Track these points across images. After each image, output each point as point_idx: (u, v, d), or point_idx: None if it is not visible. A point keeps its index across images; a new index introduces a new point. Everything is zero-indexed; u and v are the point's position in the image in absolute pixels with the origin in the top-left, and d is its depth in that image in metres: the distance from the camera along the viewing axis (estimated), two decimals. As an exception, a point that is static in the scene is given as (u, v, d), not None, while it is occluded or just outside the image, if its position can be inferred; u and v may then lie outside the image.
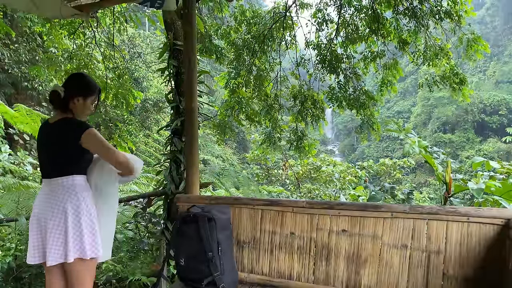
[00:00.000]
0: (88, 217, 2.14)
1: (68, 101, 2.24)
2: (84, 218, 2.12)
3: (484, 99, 41.70)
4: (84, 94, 2.28)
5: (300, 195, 11.55)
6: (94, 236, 2.15)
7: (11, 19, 10.50)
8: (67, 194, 2.12)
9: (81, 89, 2.28)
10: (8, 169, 7.88)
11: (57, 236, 2.08)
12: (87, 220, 2.13)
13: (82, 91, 2.27)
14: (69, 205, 2.10)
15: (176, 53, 3.89)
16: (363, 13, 7.24)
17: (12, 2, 3.36)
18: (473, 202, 3.98)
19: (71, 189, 2.14)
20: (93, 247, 2.14)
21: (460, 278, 2.10)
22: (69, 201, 2.11)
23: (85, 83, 2.33)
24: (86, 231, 2.12)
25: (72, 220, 2.09)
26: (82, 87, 2.29)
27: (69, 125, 2.20)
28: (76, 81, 2.34)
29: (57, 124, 2.24)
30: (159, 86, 17.27)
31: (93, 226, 2.16)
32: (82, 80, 2.35)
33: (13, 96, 11.78)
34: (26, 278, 3.42)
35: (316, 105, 7.92)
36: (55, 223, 2.09)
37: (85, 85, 2.32)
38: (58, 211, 2.10)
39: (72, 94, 2.24)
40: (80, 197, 2.14)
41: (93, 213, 2.18)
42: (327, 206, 2.49)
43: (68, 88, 2.26)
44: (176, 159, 3.80)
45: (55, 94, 2.22)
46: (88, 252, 2.10)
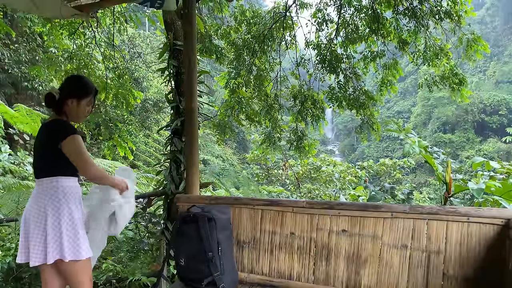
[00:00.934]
0: (69, 219, 2.12)
1: (62, 104, 2.24)
2: (64, 219, 2.10)
3: (484, 99, 41.69)
4: (78, 96, 2.27)
5: (300, 195, 11.55)
6: (75, 238, 2.11)
7: (11, 19, 10.50)
8: (48, 196, 2.12)
9: (75, 91, 2.27)
10: (8, 169, 7.88)
11: (38, 238, 2.08)
12: (68, 222, 2.11)
13: (75, 93, 2.27)
14: (49, 207, 2.10)
15: (176, 53, 3.89)
16: (363, 13, 7.24)
17: (12, 2, 3.36)
18: (473, 202, 3.98)
19: (53, 190, 2.13)
20: (74, 249, 2.10)
21: (460, 278, 2.10)
22: (50, 202, 2.11)
23: (79, 85, 2.32)
24: (66, 233, 2.09)
25: (51, 221, 2.08)
26: (76, 89, 2.29)
27: (56, 127, 2.20)
28: (71, 84, 2.34)
29: (48, 125, 2.26)
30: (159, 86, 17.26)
31: (75, 228, 2.13)
32: (76, 82, 2.35)
33: (13, 96, 11.78)
34: (26, 278, 3.42)
35: (316, 105, 7.92)
36: (36, 224, 2.09)
37: (80, 87, 2.31)
38: (39, 212, 2.10)
39: (66, 96, 2.24)
40: (62, 199, 2.13)
41: (77, 216, 2.16)
42: (327, 206, 2.49)
43: (62, 90, 2.26)
44: (176, 159, 3.80)
45: (50, 96, 2.23)
46: (67, 254, 2.07)
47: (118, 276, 3.69)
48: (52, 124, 2.24)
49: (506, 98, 41.39)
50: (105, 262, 3.86)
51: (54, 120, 2.24)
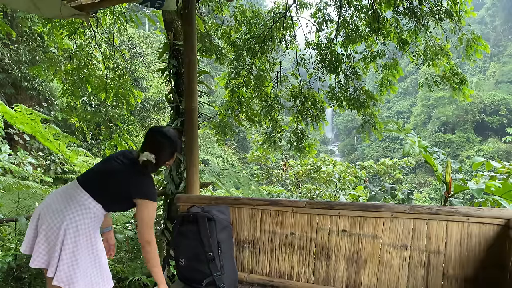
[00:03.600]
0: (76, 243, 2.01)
1: (160, 165, 2.21)
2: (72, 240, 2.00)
3: (484, 99, 41.67)
4: (173, 155, 2.25)
5: (300, 195, 11.55)
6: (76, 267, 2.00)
7: (11, 19, 10.50)
8: (77, 210, 2.02)
9: (172, 153, 2.23)
10: (8, 169, 7.88)
11: (47, 243, 1.99)
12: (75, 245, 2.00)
13: (172, 154, 2.24)
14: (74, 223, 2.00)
15: (176, 53, 3.89)
16: (363, 13, 7.23)
17: (12, 2, 3.36)
18: (473, 202, 3.97)
19: (86, 210, 2.05)
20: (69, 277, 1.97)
21: (460, 278, 2.10)
22: (76, 218, 2.01)
23: (174, 145, 2.23)
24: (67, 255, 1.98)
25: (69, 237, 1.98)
26: (172, 151, 2.23)
27: (144, 182, 2.13)
28: (167, 144, 2.20)
29: (139, 170, 2.14)
30: (159, 86, 17.28)
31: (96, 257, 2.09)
32: (172, 143, 2.21)
33: (13, 96, 11.79)
34: (26, 278, 3.42)
35: (316, 105, 7.91)
36: (50, 228, 1.99)
37: (175, 147, 2.23)
38: (57, 218, 1.99)
39: (166, 158, 2.21)
40: (89, 223, 2.05)
41: (100, 245, 2.13)
42: (327, 206, 2.49)
43: (159, 153, 2.15)
44: (176, 159, 3.80)
45: (148, 163, 2.13)
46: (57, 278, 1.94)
47: (118, 276, 3.69)
48: (143, 174, 2.14)
49: (506, 98, 41.38)
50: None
51: (144, 170, 2.14)
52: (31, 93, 12.07)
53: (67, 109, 8.57)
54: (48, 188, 6.88)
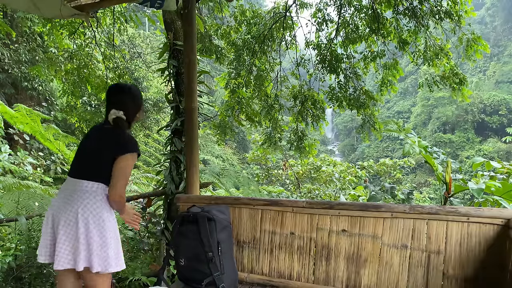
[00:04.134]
0: (113, 227, 2.10)
1: (132, 121, 2.23)
2: (107, 227, 2.06)
3: (484, 99, 41.66)
4: (141, 107, 2.27)
5: (300, 195, 11.54)
6: (106, 249, 2.06)
7: (11, 19, 10.49)
8: (85, 199, 2.05)
9: (138, 105, 2.26)
10: (8, 169, 7.88)
11: (68, 241, 2.00)
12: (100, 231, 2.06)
13: (139, 106, 2.26)
14: (87, 211, 2.03)
15: (176, 53, 3.89)
16: (363, 13, 7.24)
17: (12, 2, 3.37)
18: (473, 202, 3.98)
19: (92, 195, 2.07)
20: (104, 261, 2.05)
21: (460, 278, 2.10)
22: (88, 206, 2.04)
23: (138, 97, 2.26)
24: (111, 242, 2.06)
25: (84, 226, 2.01)
26: (138, 102, 2.26)
27: (122, 138, 2.13)
28: (131, 99, 2.24)
29: (112, 131, 2.16)
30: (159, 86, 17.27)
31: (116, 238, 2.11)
32: (135, 95, 2.26)
33: (13, 96, 11.79)
34: (26, 278, 3.42)
35: (316, 105, 7.91)
36: (68, 226, 2.01)
37: (139, 98, 2.27)
38: (72, 214, 2.01)
39: (137, 110, 2.24)
40: (101, 206, 2.08)
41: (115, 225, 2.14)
42: (327, 206, 2.49)
43: (127, 108, 2.18)
44: (176, 159, 3.80)
45: (119, 120, 2.15)
46: (96, 265, 2.01)
47: (118, 276, 3.69)
48: (117, 132, 2.15)
49: (506, 98, 41.36)
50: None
51: (118, 128, 2.15)
52: (31, 93, 12.07)
53: (67, 109, 8.58)
54: (48, 188, 6.88)
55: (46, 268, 3.47)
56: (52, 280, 3.48)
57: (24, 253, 3.51)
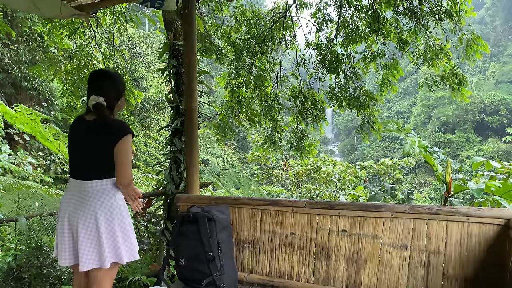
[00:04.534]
0: (122, 221, 2.10)
1: (113, 107, 2.16)
2: (118, 223, 2.07)
3: (484, 99, 41.66)
4: (122, 93, 2.20)
5: (300, 195, 11.54)
6: (130, 240, 2.11)
7: (11, 19, 10.49)
8: (99, 199, 2.05)
9: (119, 89, 2.19)
10: (8, 169, 7.88)
11: (91, 243, 2.02)
12: (121, 224, 2.09)
13: (120, 91, 2.19)
14: (102, 211, 2.03)
15: (176, 53, 3.89)
16: (363, 13, 7.24)
17: (12, 2, 3.36)
18: (473, 202, 3.97)
19: (104, 194, 2.06)
20: (131, 250, 2.11)
21: (460, 278, 2.10)
22: (102, 206, 2.04)
23: (118, 82, 2.19)
24: (121, 236, 2.08)
25: (105, 226, 2.03)
26: (119, 88, 2.19)
27: (112, 125, 2.07)
28: (111, 84, 2.17)
29: (98, 122, 2.09)
30: (159, 86, 17.27)
31: (128, 229, 2.13)
32: (115, 80, 2.19)
33: (13, 96, 11.78)
34: (26, 278, 3.42)
35: (316, 105, 7.92)
36: (87, 229, 2.02)
37: (119, 84, 2.19)
38: (90, 217, 2.01)
39: (118, 96, 2.17)
40: (113, 203, 2.08)
41: (128, 218, 2.14)
42: (327, 206, 2.49)
43: (107, 93, 2.11)
44: (176, 159, 3.80)
45: (99, 106, 2.07)
46: (125, 257, 2.07)
47: (118, 276, 3.69)
48: (105, 121, 2.08)
49: (506, 98, 41.36)
50: (105, 262, 3.85)
51: (104, 118, 2.08)
52: (31, 93, 12.07)
53: (67, 109, 8.56)
54: (48, 188, 6.88)
55: (46, 268, 3.47)
56: (52, 280, 3.48)
57: (24, 253, 3.51)
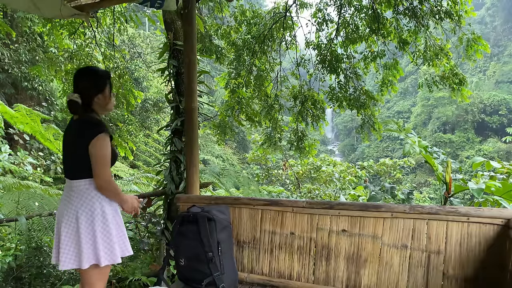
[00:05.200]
0: (103, 223, 2.07)
1: (90, 104, 2.13)
2: (98, 224, 2.05)
3: (484, 99, 41.66)
4: (100, 90, 2.14)
5: (300, 195, 11.54)
6: (110, 242, 2.08)
7: (11, 19, 10.50)
8: (81, 199, 2.05)
9: (95, 86, 2.14)
10: (8, 169, 7.88)
11: (70, 242, 2.03)
12: (102, 225, 2.06)
13: (97, 88, 2.14)
14: (82, 211, 2.03)
15: (176, 53, 3.89)
16: (363, 13, 7.24)
17: (12, 2, 3.37)
18: (473, 202, 3.98)
19: (86, 193, 2.06)
20: (110, 252, 2.07)
21: (460, 278, 2.10)
22: (83, 206, 2.04)
23: (95, 79, 2.17)
24: (101, 237, 2.05)
25: (85, 226, 2.03)
26: (94, 84, 2.14)
27: (86, 125, 2.09)
28: (87, 80, 2.16)
29: (78, 122, 2.14)
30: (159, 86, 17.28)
31: (109, 231, 2.08)
32: (91, 77, 2.18)
33: (13, 96, 11.79)
34: (26, 278, 3.42)
35: (316, 105, 7.92)
36: (68, 228, 2.03)
37: (96, 81, 2.16)
38: (71, 216, 2.03)
39: (92, 94, 2.12)
40: (95, 202, 2.06)
41: (111, 218, 2.11)
42: (327, 206, 2.49)
43: (82, 90, 2.11)
44: (176, 159, 3.80)
45: (73, 103, 2.08)
46: (102, 259, 2.03)
47: (118, 276, 3.69)
48: (82, 121, 2.11)
49: (506, 98, 41.37)
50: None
51: (84, 117, 2.12)
52: (31, 93, 12.07)
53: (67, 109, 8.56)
54: (48, 188, 6.88)
55: (46, 268, 3.47)
56: (52, 280, 3.48)
57: (24, 253, 3.51)
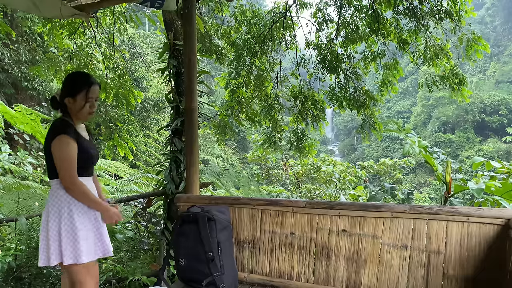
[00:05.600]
0: (70, 221, 2.12)
1: (63, 105, 2.23)
2: (65, 222, 2.11)
3: (484, 99, 41.68)
4: (71, 94, 2.21)
5: (300, 195, 11.55)
6: (75, 242, 2.11)
7: (11, 19, 10.50)
8: (52, 198, 2.15)
9: (68, 90, 2.23)
10: (8, 169, 7.87)
11: (42, 239, 2.13)
12: (68, 224, 2.12)
13: (69, 92, 2.22)
14: (52, 210, 2.12)
15: (176, 53, 3.89)
16: (363, 13, 7.24)
17: (12, 2, 3.36)
18: (473, 202, 3.98)
19: (56, 192, 2.14)
20: (75, 252, 2.11)
21: (460, 278, 2.10)
22: (53, 205, 2.13)
23: (70, 83, 2.26)
24: (65, 236, 2.11)
25: (52, 224, 2.11)
26: (68, 87, 2.24)
27: (51, 127, 2.21)
28: (64, 82, 2.30)
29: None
30: (159, 86, 17.29)
31: (74, 230, 2.12)
32: (67, 80, 2.29)
33: (13, 96, 11.79)
34: (26, 278, 3.42)
35: (316, 105, 7.92)
36: (42, 226, 2.15)
37: (70, 85, 2.25)
38: (44, 215, 2.14)
39: (62, 96, 2.23)
40: (63, 201, 2.13)
41: (77, 218, 2.14)
42: (327, 206, 2.49)
43: (61, 90, 2.26)
44: (176, 159, 3.80)
45: (53, 98, 2.25)
46: (65, 258, 2.09)
47: (118, 276, 3.69)
48: (52, 123, 2.26)
49: (506, 98, 41.38)
50: (105, 262, 3.86)
51: (56, 119, 2.26)
52: (31, 93, 12.07)
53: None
54: (48, 188, 6.87)
55: (46, 268, 3.47)
56: (52, 280, 3.48)
57: (24, 253, 3.51)
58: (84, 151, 2.18)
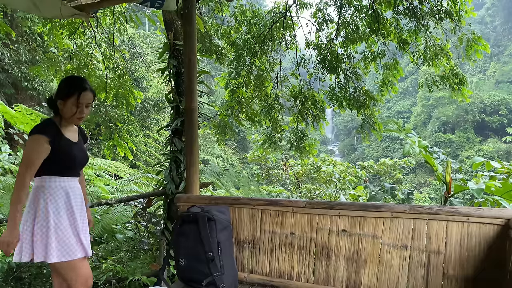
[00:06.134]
0: (44, 221, 2.16)
1: (56, 106, 2.29)
2: (38, 221, 2.16)
3: (484, 99, 41.68)
4: (62, 97, 2.25)
5: (300, 195, 11.55)
6: (46, 243, 2.14)
7: (11, 19, 10.49)
8: (32, 196, 2.20)
9: (59, 92, 2.28)
10: (8, 169, 7.87)
11: (23, 236, 2.17)
12: (42, 224, 2.16)
13: (60, 94, 2.27)
14: (30, 208, 2.18)
15: (176, 53, 3.89)
16: (363, 13, 7.24)
17: (12, 2, 3.36)
18: (473, 202, 3.97)
19: (35, 190, 2.20)
20: (44, 251, 2.15)
21: (460, 278, 2.10)
22: (32, 203, 2.18)
23: (61, 86, 2.31)
24: (39, 235, 2.15)
25: (27, 222, 2.17)
26: (61, 90, 2.28)
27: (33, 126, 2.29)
28: (59, 85, 2.34)
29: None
30: (159, 86, 17.29)
31: (47, 231, 2.15)
32: (62, 83, 2.34)
33: (13, 96, 11.78)
34: (26, 278, 3.42)
35: (316, 105, 7.92)
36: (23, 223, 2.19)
37: (62, 88, 2.29)
38: (25, 212, 2.18)
39: (56, 97, 2.28)
40: (40, 200, 2.17)
41: (52, 218, 2.17)
42: (327, 206, 2.49)
43: (55, 92, 2.32)
44: (176, 159, 3.80)
45: (49, 99, 2.32)
46: (35, 256, 2.14)
47: (118, 276, 3.69)
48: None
49: (506, 98, 41.39)
50: (105, 262, 3.87)
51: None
52: (31, 93, 12.06)
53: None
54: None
55: (46, 268, 3.47)
56: (52, 280, 3.48)
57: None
58: (63, 152, 2.22)
